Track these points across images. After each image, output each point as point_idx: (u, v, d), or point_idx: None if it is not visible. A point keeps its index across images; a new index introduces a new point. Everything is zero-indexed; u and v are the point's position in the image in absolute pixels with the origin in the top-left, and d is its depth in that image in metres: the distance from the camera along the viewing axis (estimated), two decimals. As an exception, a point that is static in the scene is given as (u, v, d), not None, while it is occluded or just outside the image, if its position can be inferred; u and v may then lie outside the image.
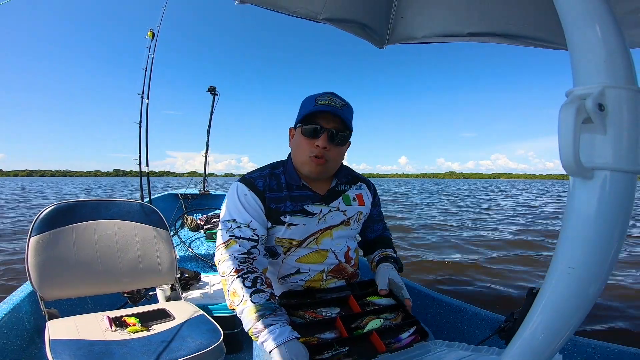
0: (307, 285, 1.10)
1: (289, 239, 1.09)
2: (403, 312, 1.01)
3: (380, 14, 1.49)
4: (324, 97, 1.04)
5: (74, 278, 1.32)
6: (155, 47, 3.23)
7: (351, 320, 0.96)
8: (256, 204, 1.05)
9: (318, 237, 1.10)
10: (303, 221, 1.08)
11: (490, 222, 8.93)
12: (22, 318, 1.38)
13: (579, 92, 0.39)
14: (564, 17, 0.43)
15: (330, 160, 1.05)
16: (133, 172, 4.11)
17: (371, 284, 1.16)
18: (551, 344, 0.42)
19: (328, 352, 0.83)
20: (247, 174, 1.12)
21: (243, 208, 1.04)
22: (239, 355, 1.67)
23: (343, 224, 1.14)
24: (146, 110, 3.04)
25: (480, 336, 1.51)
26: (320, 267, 1.11)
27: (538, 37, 1.40)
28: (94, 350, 1.02)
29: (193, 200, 4.08)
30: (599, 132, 0.38)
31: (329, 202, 1.12)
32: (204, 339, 1.13)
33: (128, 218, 1.52)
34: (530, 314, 0.43)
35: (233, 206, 1.05)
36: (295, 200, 1.08)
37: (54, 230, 1.32)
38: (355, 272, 1.20)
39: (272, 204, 1.06)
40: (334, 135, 1.03)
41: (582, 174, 0.38)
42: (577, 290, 0.39)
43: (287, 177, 1.11)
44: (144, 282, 1.50)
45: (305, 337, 0.86)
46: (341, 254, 1.14)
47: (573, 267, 0.38)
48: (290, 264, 1.10)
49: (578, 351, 1.24)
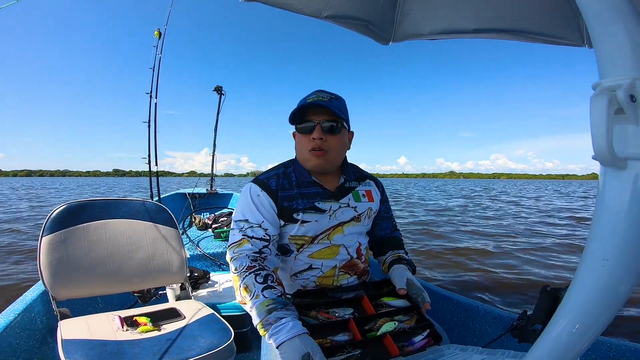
0: (319, 282, 1.11)
1: (302, 235, 1.10)
2: (417, 315, 1.00)
3: (384, 10, 1.48)
4: (311, 95, 1.08)
5: (85, 278, 1.33)
6: (162, 46, 3.25)
7: (365, 322, 0.95)
8: (269, 204, 1.07)
9: (330, 233, 1.11)
10: (315, 218, 1.09)
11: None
12: (35, 318, 1.39)
13: (607, 84, 0.39)
14: (586, 11, 0.43)
15: (330, 150, 1.08)
16: (132, 172, 4.15)
17: (385, 284, 1.15)
18: (579, 342, 0.40)
19: (340, 355, 0.82)
20: (261, 174, 1.15)
21: (256, 208, 1.06)
22: (247, 354, 1.67)
23: (354, 219, 1.14)
24: (155, 109, 3.07)
25: (492, 334, 1.50)
26: (332, 263, 1.11)
27: (545, 33, 1.40)
28: (106, 350, 1.02)
29: (201, 199, 4.10)
30: (632, 123, 0.37)
31: (339, 198, 1.13)
32: (214, 339, 1.13)
33: (138, 217, 1.52)
34: (558, 313, 0.42)
35: (246, 206, 1.07)
36: (306, 197, 1.10)
37: (66, 229, 1.33)
38: (366, 268, 1.20)
39: (285, 202, 1.08)
40: (327, 126, 1.06)
41: (615, 164, 0.37)
42: (611, 283, 0.38)
43: (298, 175, 1.13)
44: (154, 281, 1.50)
45: (317, 339, 0.84)
46: (353, 249, 1.15)
47: (607, 260, 0.37)
48: (302, 260, 1.11)
49: (592, 349, 1.21)
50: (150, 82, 3.06)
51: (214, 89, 4.42)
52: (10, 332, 1.23)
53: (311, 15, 1.38)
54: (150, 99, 3.04)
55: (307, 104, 1.05)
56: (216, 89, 4.41)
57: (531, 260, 4.69)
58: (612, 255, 0.37)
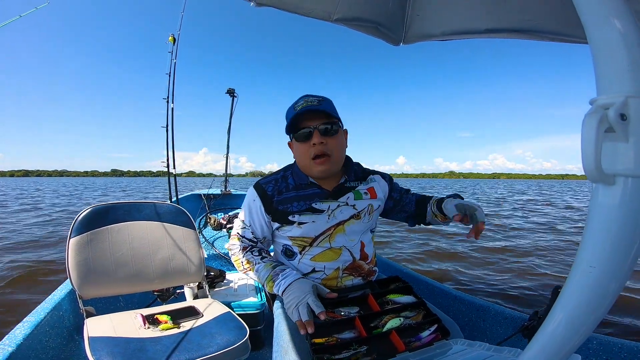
0: (324, 284, 1.12)
1: (302, 237, 1.12)
2: (424, 310, 1.01)
3: (394, 12, 1.49)
4: (299, 102, 1.10)
5: (109, 277, 1.39)
6: (177, 51, 3.32)
7: (370, 319, 0.97)
8: (260, 211, 1.16)
9: (331, 234, 1.12)
10: (312, 219, 1.11)
11: None
12: (63, 316, 1.45)
13: (602, 102, 0.40)
14: (587, 24, 0.44)
15: (332, 152, 1.09)
16: (131, 172, 4.23)
17: (390, 282, 1.17)
18: (570, 340, 0.43)
19: (346, 352, 0.84)
20: (262, 178, 1.21)
21: (249, 212, 1.19)
22: (260, 352, 1.71)
23: (353, 217, 1.15)
24: (172, 114, 3.15)
25: (503, 335, 1.49)
26: (335, 265, 1.12)
27: (558, 31, 1.37)
28: (130, 348, 1.07)
29: (215, 200, 4.18)
30: (621, 140, 0.39)
31: (337, 197, 1.15)
32: (231, 336, 1.17)
33: (159, 219, 1.58)
34: (552, 312, 0.45)
35: (244, 207, 1.21)
36: (302, 199, 1.13)
37: (92, 231, 1.40)
38: (372, 269, 1.21)
39: (280, 206, 1.13)
40: (324, 128, 1.07)
41: (604, 180, 0.39)
42: (597, 288, 0.40)
43: (295, 178, 1.17)
44: (174, 280, 1.56)
45: (324, 337, 0.87)
46: (356, 250, 1.15)
47: (593, 267, 0.40)
48: (306, 263, 1.13)
49: (604, 350, 1.22)
50: (167, 88, 3.13)
51: (226, 92, 4.46)
52: (41, 330, 1.28)
53: (321, 18, 1.40)
54: (167, 104, 3.11)
55: (300, 112, 1.06)
56: (228, 92, 4.45)
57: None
58: (598, 262, 0.40)
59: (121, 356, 1.02)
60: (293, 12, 1.37)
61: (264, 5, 1.29)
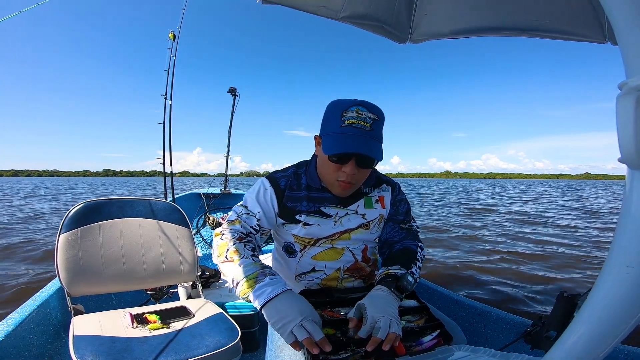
0: (324, 284, 1.10)
1: (304, 237, 1.09)
2: (427, 314, 0.98)
3: (400, 10, 1.47)
4: (351, 114, 0.93)
5: (99, 275, 1.35)
6: (176, 48, 3.28)
7: None
8: (271, 201, 1.08)
9: (334, 239, 1.10)
10: (318, 222, 1.08)
11: None
12: (50, 314, 1.42)
13: (635, 84, 0.37)
14: (610, 8, 0.41)
15: (358, 182, 1.03)
16: (123, 172, 4.18)
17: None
18: (595, 350, 0.39)
19: (344, 353, 0.81)
20: (273, 172, 1.16)
21: (257, 200, 1.08)
22: (255, 354, 1.68)
23: (362, 227, 1.11)
24: (170, 111, 3.10)
25: (504, 340, 1.47)
26: (336, 265, 1.10)
27: (566, 30, 1.38)
28: (115, 347, 1.03)
29: (215, 199, 4.14)
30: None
31: (347, 204, 1.10)
32: (221, 338, 1.13)
33: (152, 216, 1.54)
34: (577, 319, 0.41)
35: (251, 196, 1.10)
36: (313, 200, 1.09)
37: (82, 227, 1.36)
38: (374, 272, 1.17)
39: (289, 203, 1.08)
40: (362, 160, 0.96)
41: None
42: (634, 291, 0.36)
43: (308, 179, 1.11)
44: (166, 279, 1.51)
45: None
46: (358, 252, 1.13)
47: (632, 267, 0.35)
48: (306, 262, 1.10)
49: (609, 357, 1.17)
50: (165, 84, 3.09)
51: (227, 91, 4.42)
52: (25, 328, 1.25)
53: (328, 16, 1.39)
54: (165, 101, 3.07)
55: (348, 132, 0.92)
56: (230, 91, 4.41)
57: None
58: (638, 262, 0.35)
59: (105, 355, 0.98)
60: (299, 9, 1.36)
61: (271, 3, 1.27)
